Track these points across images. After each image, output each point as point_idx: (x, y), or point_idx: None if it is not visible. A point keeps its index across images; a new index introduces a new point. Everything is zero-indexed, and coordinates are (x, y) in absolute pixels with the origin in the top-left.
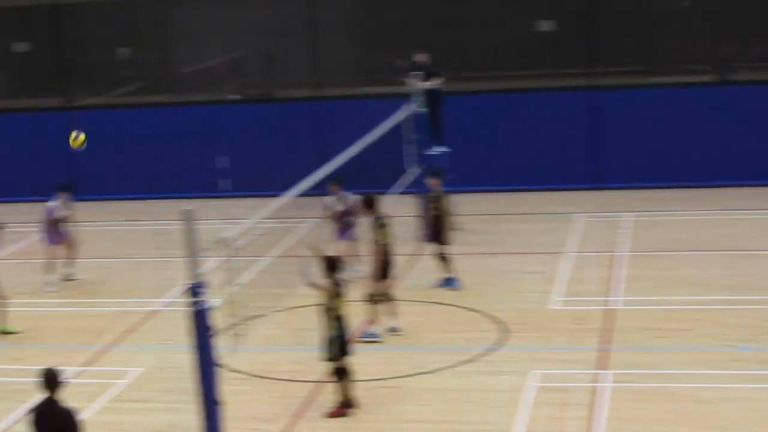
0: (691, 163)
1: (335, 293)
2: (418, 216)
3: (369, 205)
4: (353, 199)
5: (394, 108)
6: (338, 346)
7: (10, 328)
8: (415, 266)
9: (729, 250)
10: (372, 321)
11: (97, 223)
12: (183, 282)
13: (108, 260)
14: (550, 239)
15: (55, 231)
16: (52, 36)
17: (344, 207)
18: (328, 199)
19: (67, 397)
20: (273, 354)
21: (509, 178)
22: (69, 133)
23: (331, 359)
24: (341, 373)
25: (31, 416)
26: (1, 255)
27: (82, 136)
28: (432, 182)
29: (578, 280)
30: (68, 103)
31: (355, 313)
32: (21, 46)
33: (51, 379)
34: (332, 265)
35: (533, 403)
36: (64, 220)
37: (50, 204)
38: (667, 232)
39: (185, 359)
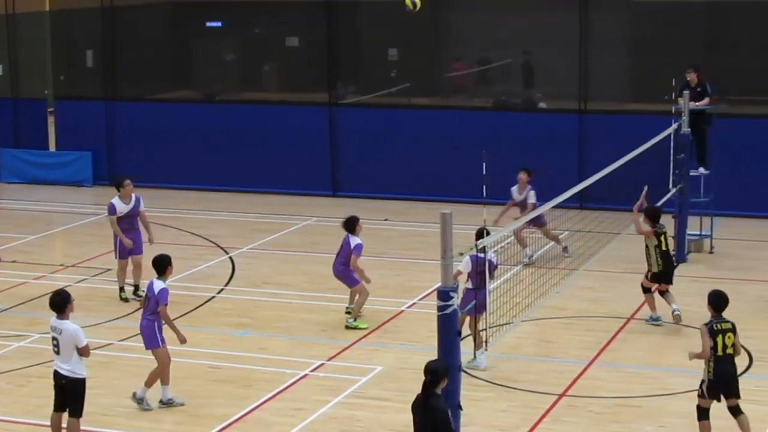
0: None
1: (712, 332)
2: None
3: (652, 216)
4: (533, 194)
5: (661, 126)
6: (707, 387)
7: (361, 324)
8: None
9: None
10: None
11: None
12: (432, 284)
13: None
14: None
15: None
16: (325, 32)
17: (522, 199)
18: (513, 188)
19: (310, 390)
20: (516, 363)
21: None
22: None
23: (700, 396)
24: (702, 413)
25: (413, 404)
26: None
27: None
28: None
29: None
30: (335, 99)
31: None
32: (292, 41)
33: (435, 372)
34: (717, 301)
35: None
36: None
37: None
38: None
39: (426, 361)
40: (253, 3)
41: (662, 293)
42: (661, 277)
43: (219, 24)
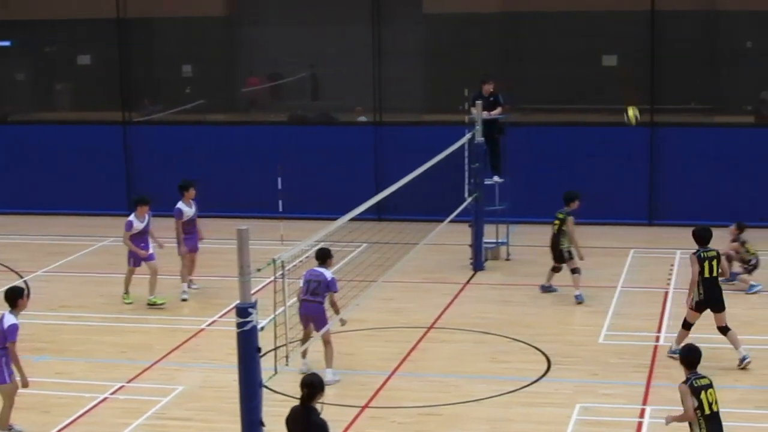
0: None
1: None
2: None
3: (700, 239)
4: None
5: (456, 136)
6: None
7: (159, 299)
8: (465, 294)
9: None
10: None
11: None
12: (231, 302)
13: (158, 276)
14: (604, 273)
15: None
16: (117, 50)
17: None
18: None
19: (110, 413)
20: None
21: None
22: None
23: None
24: None
25: (288, 417)
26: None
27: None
28: None
29: (628, 315)
30: (128, 117)
31: None
32: (84, 59)
33: (312, 386)
34: (691, 356)
35: None
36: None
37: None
38: None
39: (227, 379)
40: (42, 21)
41: (722, 330)
42: (703, 304)
43: (8, 43)
